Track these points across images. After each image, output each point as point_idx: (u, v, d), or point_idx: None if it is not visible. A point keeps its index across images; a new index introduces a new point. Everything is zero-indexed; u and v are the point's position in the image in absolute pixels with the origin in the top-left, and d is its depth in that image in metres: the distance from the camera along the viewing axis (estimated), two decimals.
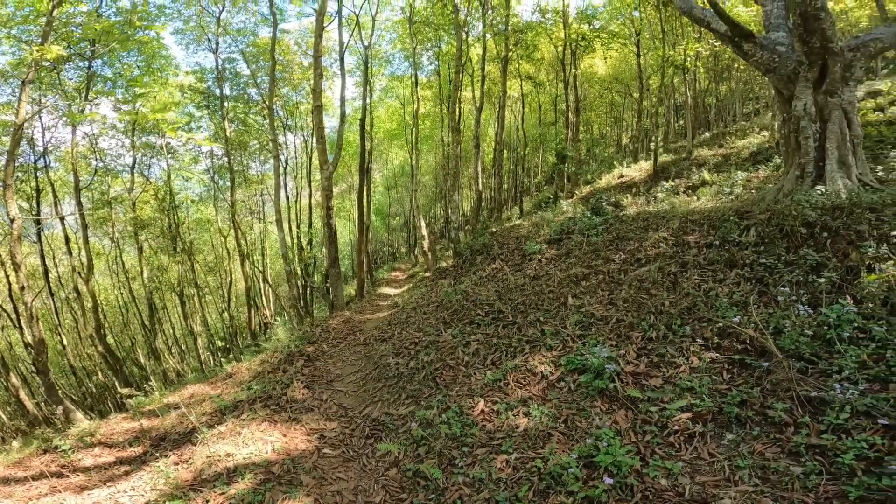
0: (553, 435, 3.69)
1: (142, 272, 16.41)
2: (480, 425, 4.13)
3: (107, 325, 18.04)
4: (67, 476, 5.00)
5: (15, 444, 6.50)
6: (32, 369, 14.55)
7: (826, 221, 5.00)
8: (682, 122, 24.53)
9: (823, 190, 5.88)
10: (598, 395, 3.95)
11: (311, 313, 15.03)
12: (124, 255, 18.43)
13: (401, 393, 5.35)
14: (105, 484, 4.70)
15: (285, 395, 5.99)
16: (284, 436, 4.97)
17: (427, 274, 11.30)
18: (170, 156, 16.27)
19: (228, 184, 16.85)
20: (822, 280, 4.35)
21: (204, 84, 16.46)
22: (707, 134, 20.51)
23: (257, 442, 4.84)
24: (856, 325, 3.76)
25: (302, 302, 16.95)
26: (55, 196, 13.78)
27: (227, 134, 15.87)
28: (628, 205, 8.77)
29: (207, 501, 3.93)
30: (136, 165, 15.69)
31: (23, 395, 10.82)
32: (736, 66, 22.02)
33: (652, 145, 16.60)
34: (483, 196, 18.56)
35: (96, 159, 14.34)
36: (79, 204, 13.48)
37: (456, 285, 7.96)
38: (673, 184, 10.45)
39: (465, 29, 15.47)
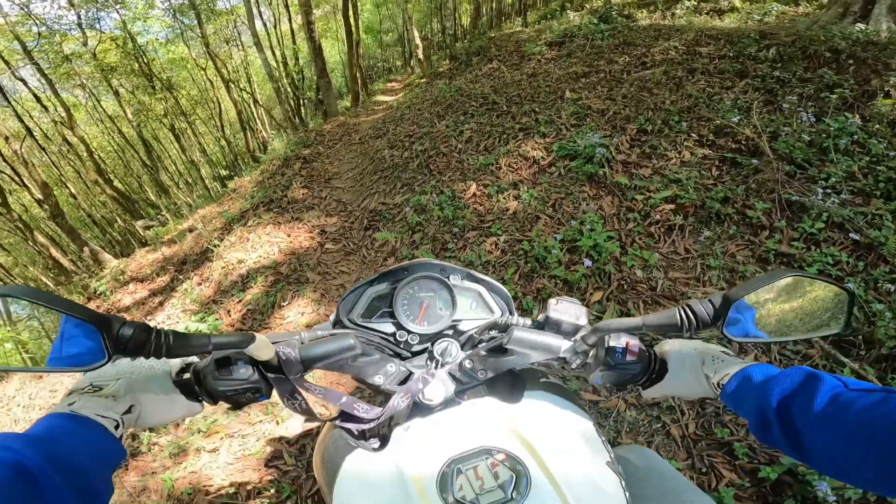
0: (541, 218, 3.55)
1: (125, 112, 15.15)
2: (472, 208, 3.96)
3: (109, 170, 17.25)
4: None
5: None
6: (55, 230, 14.28)
7: (855, 51, 4.36)
8: None
9: (863, 27, 5.10)
10: (587, 180, 3.73)
11: (306, 125, 14.20)
12: (102, 102, 16.96)
13: (396, 182, 5.10)
14: (146, 318, 4.75)
15: (286, 197, 5.78)
16: (288, 236, 4.84)
17: (423, 80, 10.24)
18: (119, 5, 13.60)
19: (195, 21, 14.85)
20: (833, 96, 3.92)
21: None
22: None
23: (264, 245, 4.75)
24: (856, 137, 3.45)
25: (296, 118, 15.94)
26: (6, 63, 11.84)
27: None
28: (642, 18, 7.59)
29: (228, 311, 4.02)
30: (83, 21, 13.36)
31: (54, 252, 10.54)
32: None
33: None
34: (482, 9, 16.08)
35: (36, 24, 12.16)
36: (34, 63, 11.95)
37: (451, 83, 7.15)
38: (696, 3, 8.93)
39: None
